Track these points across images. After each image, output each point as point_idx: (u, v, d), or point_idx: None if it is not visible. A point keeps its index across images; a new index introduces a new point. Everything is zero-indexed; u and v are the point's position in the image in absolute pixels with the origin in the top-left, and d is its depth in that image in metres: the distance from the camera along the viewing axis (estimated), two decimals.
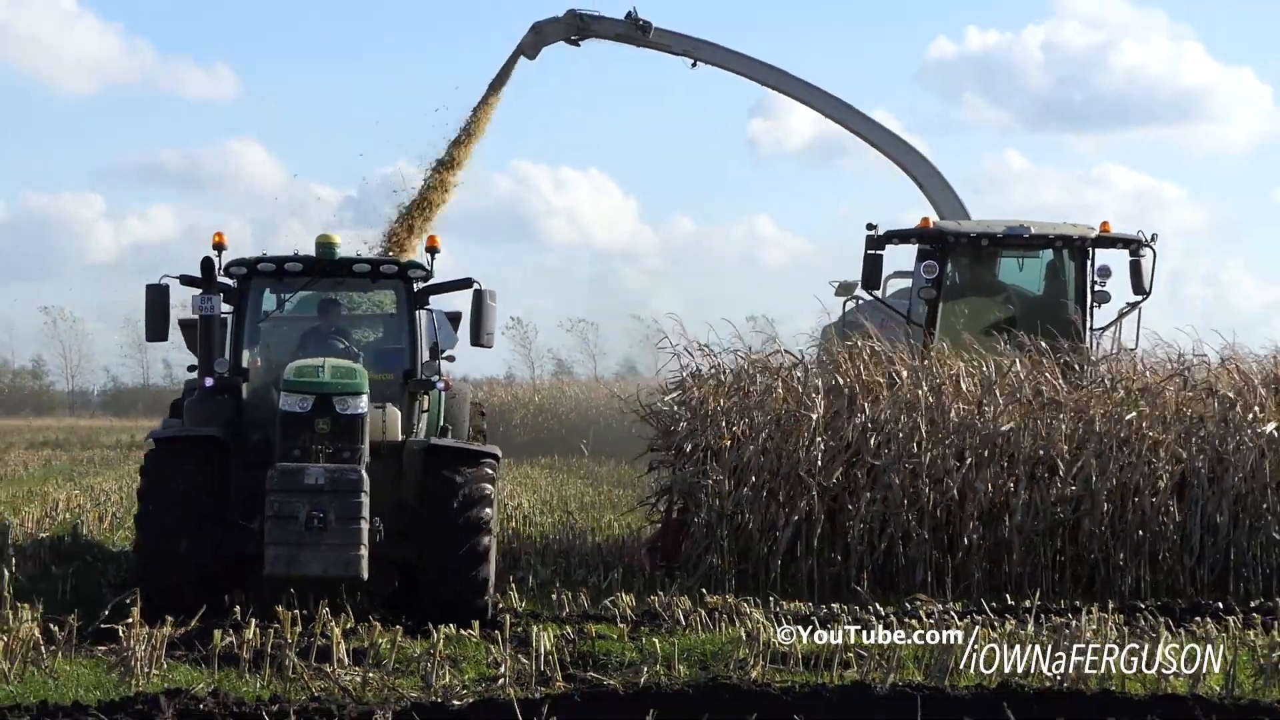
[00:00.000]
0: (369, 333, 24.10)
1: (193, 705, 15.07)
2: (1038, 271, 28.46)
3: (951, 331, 27.26)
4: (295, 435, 20.56)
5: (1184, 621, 19.42)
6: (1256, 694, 16.06)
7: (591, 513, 36.95)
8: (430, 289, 22.32)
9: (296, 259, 22.23)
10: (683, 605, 20.50)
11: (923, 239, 27.71)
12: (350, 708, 15.02)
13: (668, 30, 35.27)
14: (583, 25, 35.69)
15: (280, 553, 19.79)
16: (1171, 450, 24.42)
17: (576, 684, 16.81)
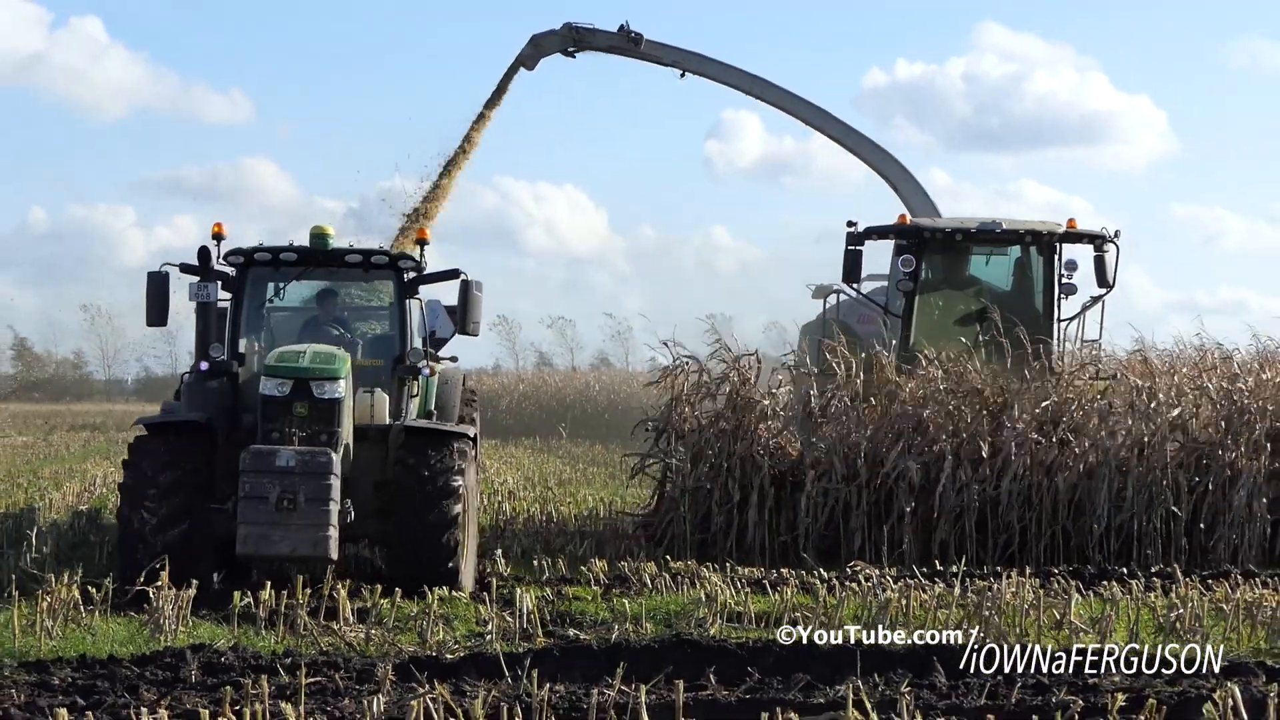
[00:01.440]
0: (366, 322, 23.50)
1: (215, 658, 15.03)
2: (1007, 266, 27.94)
3: (927, 322, 26.92)
4: (274, 418, 19.79)
5: (1093, 585, 19.42)
6: (1157, 648, 16.04)
7: (569, 488, 36.86)
8: (420, 279, 21.61)
9: (292, 249, 21.49)
10: (649, 570, 20.48)
11: (900, 235, 27.20)
12: (355, 660, 14.99)
13: (658, 42, 34.48)
14: (578, 38, 34.68)
15: (251, 532, 18.85)
16: (1086, 432, 24.37)
17: (555, 639, 16.79)
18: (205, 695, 13.10)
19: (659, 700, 12.57)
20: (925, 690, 13.56)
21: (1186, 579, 19.60)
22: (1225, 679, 13.69)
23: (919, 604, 17.79)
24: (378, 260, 21.73)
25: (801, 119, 35.21)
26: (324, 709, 12.59)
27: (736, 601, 18.24)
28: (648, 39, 34.15)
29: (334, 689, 13.61)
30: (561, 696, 12.93)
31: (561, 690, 13.16)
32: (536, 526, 27.68)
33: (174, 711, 12.13)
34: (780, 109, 35.25)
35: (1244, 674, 14.23)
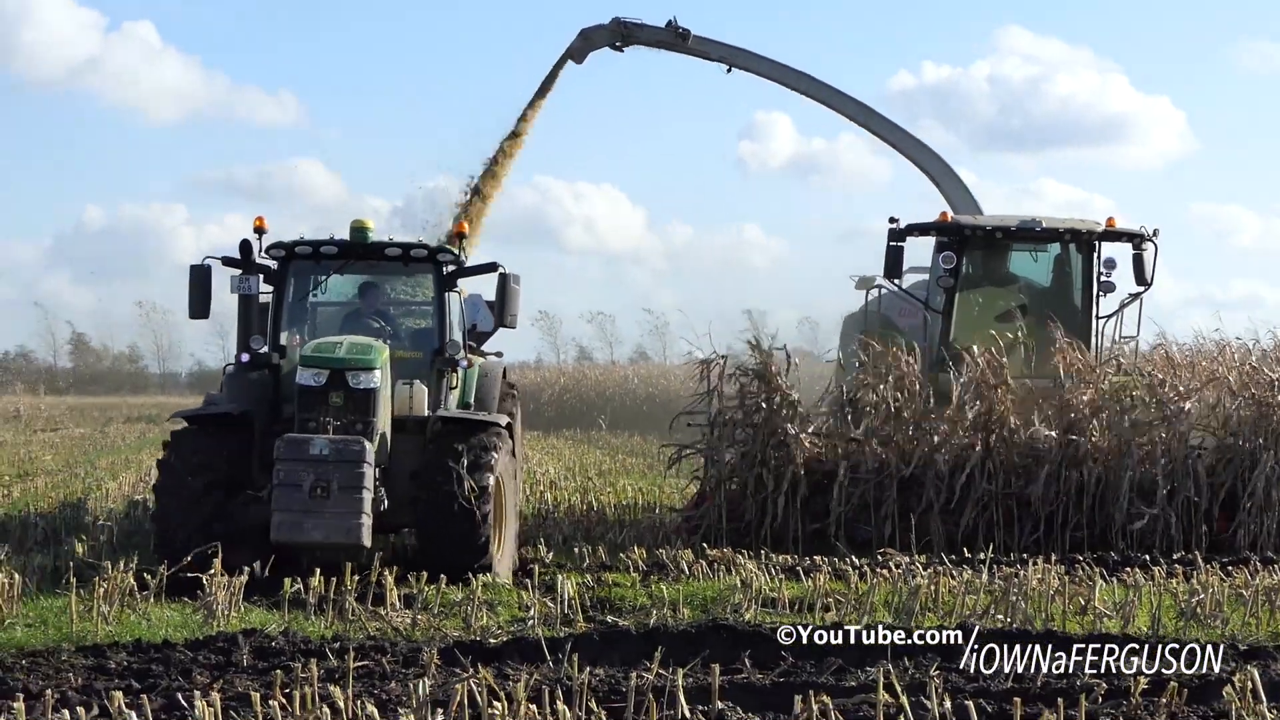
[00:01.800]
0: (408, 315, 23.12)
1: (266, 643, 15.09)
2: (1047, 263, 27.46)
3: (967, 317, 26.54)
4: (310, 407, 19.70)
5: (1116, 571, 19.40)
6: (1178, 634, 16.05)
7: (608, 478, 36.85)
8: (458, 272, 21.39)
9: (332, 242, 21.36)
10: (686, 557, 20.50)
11: (941, 231, 26.70)
12: (401, 645, 15.02)
13: (706, 38, 33.82)
14: (626, 32, 34.00)
15: (285, 519, 18.73)
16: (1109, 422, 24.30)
17: (595, 624, 16.82)
18: (256, 678, 13.15)
19: (695, 683, 12.59)
20: (954, 674, 13.57)
21: (1207, 565, 19.54)
22: (1245, 662, 13.69)
23: (948, 590, 17.78)
24: (417, 254, 21.35)
25: (845, 114, 34.38)
26: (371, 692, 12.62)
27: (771, 588, 18.25)
28: (695, 34, 33.40)
29: (381, 672, 13.65)
30: (601, 679, 12.96)
31: (601, 673, 13.19)
32: (577, 515, 27.70)
33: (226, 694, 12.15)
34: (824, 104, 34.44)
35: (1263, 657, 14.22)
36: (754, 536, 23.56)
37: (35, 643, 15.38)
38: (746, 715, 11.92)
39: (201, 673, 13.66)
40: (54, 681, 13.20)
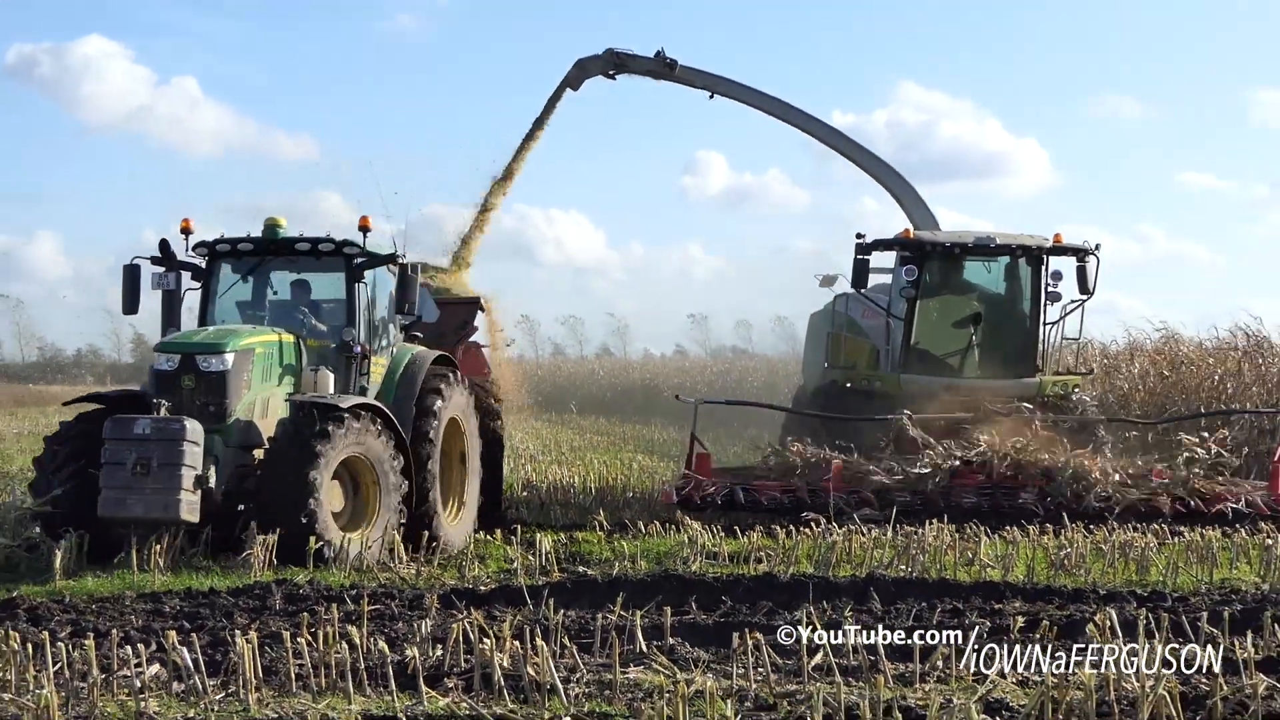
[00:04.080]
0: (331, 307, 19.81)
1: (295, 590, 15.04)
2: (998, 274, 26.58)
3: (927, 324, 25.86)
4: (162, 391, 17.54)
5: (998, 530, 19.38)
6: (1049, 580, 16.07)
7: (578, 453, 36.85)
8: (365, 264, 19.06)
9: (248, 239, 19.38)
10: (643, 518, 20.47)
11: (904, 246, 25.91)
12: (407, 592, 14.97)
13: (690, 67, 32.07)
14: (619, 62, 32.26)
15: (110, 495, 16.67)
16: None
17: (568, 574, 16.75)
18: (287, 620, 13.11)
19: (651, 623, 12.57)
20: (864, 614, 13.55)
21: (1073, 524, 19.56)
22: (1104, 604, 13.70)
23: (859, 545, 17.78)
24: (324, 247, 19.09)
25: (816, 137, 32.65)
26: (382, 630, 12.59)
27: (713, 543, 18.24)
28: (681, 64, 31.91)
29: (390, 614, 13.61)
30: (573, 620, 12.93)
31: (573, 615, 13.17)
32: (553, 484, 27.67)
33: (262, 633, 12.11)
34: (797, 128, 32.64)
35: (1119, 600, 14.24)
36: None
37: (103, 590, 15.30)
38: (693, 649, 11.90)
39: (241, 615, 13.62)
40: (119, 623, 13.15)
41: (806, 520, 19.28)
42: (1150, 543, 17.77)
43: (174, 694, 10.57)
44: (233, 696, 10.48)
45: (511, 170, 31.18)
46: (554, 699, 10.29)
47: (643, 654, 11.69)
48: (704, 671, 11.05)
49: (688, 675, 10.67)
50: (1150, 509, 20.98)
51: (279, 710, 10.08)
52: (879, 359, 26.13)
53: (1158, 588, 15.52)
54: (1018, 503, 21.28)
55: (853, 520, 19.59)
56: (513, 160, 31.23)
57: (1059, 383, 25.61)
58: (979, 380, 25.05)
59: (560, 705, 10.18)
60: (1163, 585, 15.86)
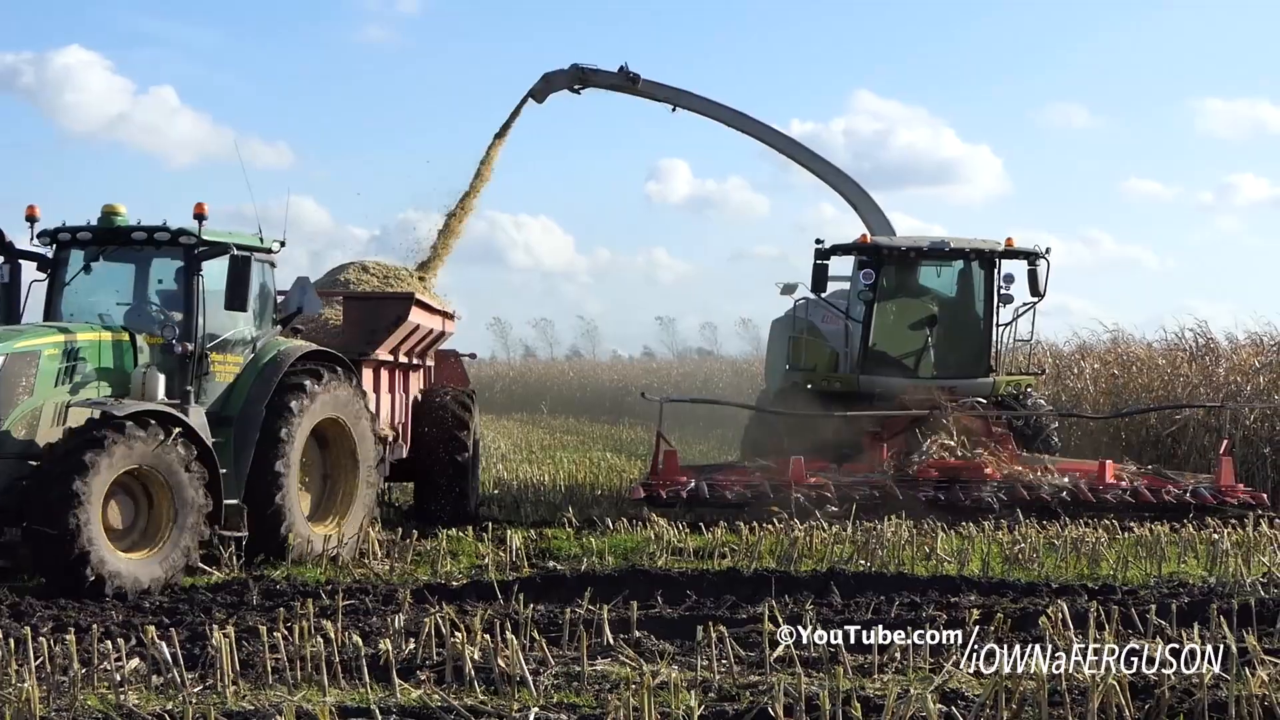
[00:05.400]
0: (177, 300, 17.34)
1: (272, 586, 15.03)
2: (952, 277, 26.25)
3: (884, 326, 25.57)
4: None
5: (955, 525, 19.41)
6: (1004, 574, 16.11)
7: (548, 452, 36.86)
8: (203, 254, 16.85)
9: (87, 228, 17.37)
10: (611, 515, 20.47)
11: (861, 251, 25.65)
12: (381, 587, 14.96)
13: (653, 81, 31.49)
14: (584, 77, 31.61)
15: None
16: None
17: (538, 569, 16.76)
18: (264, 615, 13.08)
19: (618, 616, 12.58)
20: (825, 608, 13.57)
21: (1027, 520, 19.60)
22: (1056, 597, 13.74)
23: (820, 541, 17.81)
24: (160, 237, 16.97)
25: (776, 148, 32.15)
26: (357, 625, 12.58)
27: (679, 539, 18.24)
28: (644, 79, 31.32)
29: (365, 609, 13.60)
30: (542, 614, 12.92)
31: (542, 609, 13.15)
32: (524, 482, 27.66)
33: (239, 628, 12.09)
34: (757, 139, 32.19)
35: (1070, 594, 14.28)
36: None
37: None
38: (659, 642, 11.91)
39: (219, 610, 13.60)
40: (99, 618, 13.12)
41: (769, 516, 19.28)
42: (1101, 538, 17.83)
43: (153, 687, 10.54)
44: (210, 689, 10.46)
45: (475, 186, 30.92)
46: (523, 690, 10.29)
47: (610, 647, 11.69)
48: (669, 663, 11.05)
49: (653, 667, 10.66)
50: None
51: (255, 702, 10.07)
52: (838, 361, 26.13)
53: (1108, 581, 15.58)
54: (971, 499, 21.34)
55: (814, 516, 19.59)
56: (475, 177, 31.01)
57: (1012, 382, 25.66)
58: (935, 380, 25.07)
59: (529, 696, 10.18)
60: (1113, 579, 15.91)
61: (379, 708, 9.61)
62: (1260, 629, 12.16)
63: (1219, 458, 22.99)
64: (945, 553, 17.29)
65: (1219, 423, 26.37)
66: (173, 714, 9.47)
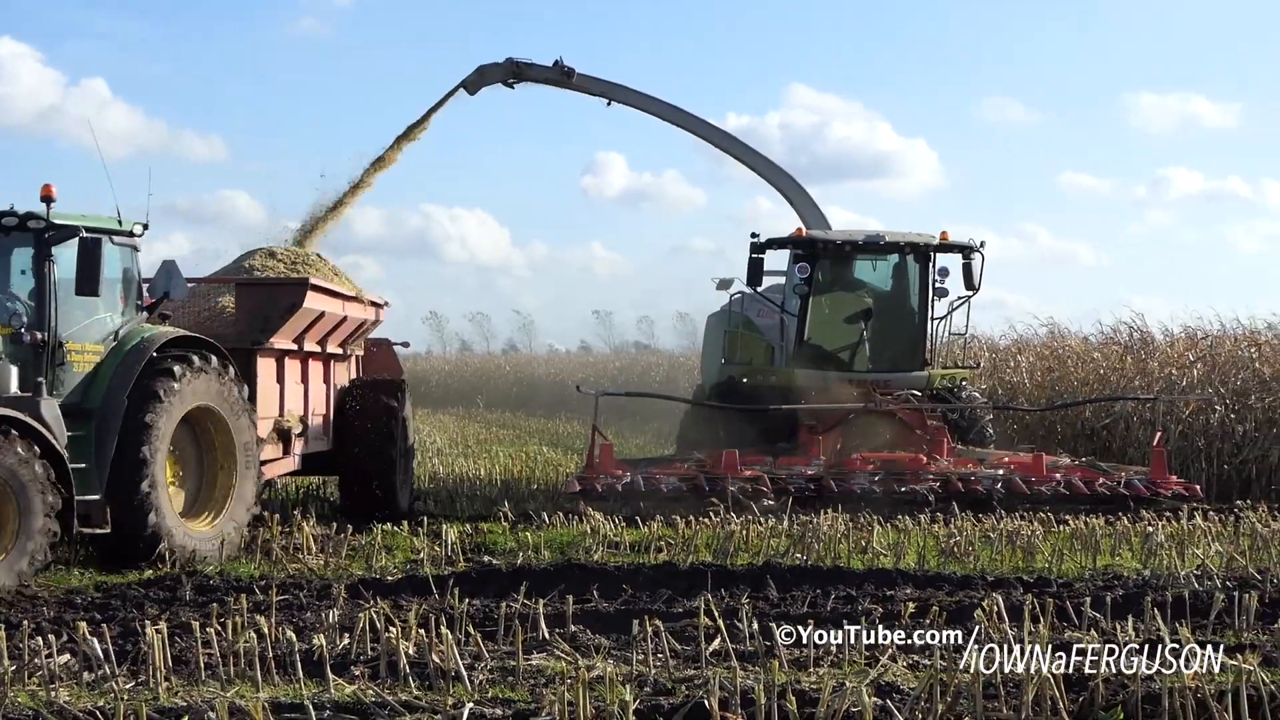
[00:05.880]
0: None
1: (205, 581, 14.96)
2: (886, 270, 26.42)
3: (820, 320, 25.73)
4: None
5: (890, 519, 19.49)
6: (939, 568, 16.19)
7: (484, 446, 36.83)
8: (53, 239, 16.01)
9: None
10: (547, 509, 20.45)
11: (797, 245, 25.81)
12: (315, 582, 14.91)
13: (588, 75, 31.32)
14: (519, 70, 31.31)
15: None
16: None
17: (473, 564, 16.75)
18: (197, 610, 13.01)
19: (554, 611, 12.57)
20: (761, 602, 13.60)
21: (963, 513, 19.70)
22: (992, 590, 13.81)
23: (756, 534, 17.85)
24: (7, 222, 16.22)
25: (711, 142, 32.03)
26: (290, 620, 12.52)
27: (615, 533, 18.25)
28: (579, 73, 31.14)
29: (299, 604, 13.55)
30: (478, 608, 12.92)
31: (478, 604, 13.15)
32: (460, 476, 27.62)
33: (172, 623, 12.03)
34: (692, 133, 31.96)
35: (1006, 587, 14.36)
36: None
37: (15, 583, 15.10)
38: (595, 636, 11.91)
39: (152, 606, 13.53)
40: (30, 614, 13.04)
41: (706, 510, 19.33)
42: (1036, 531, 17.94)
43: (84, 684, 10.48)
44: (143, 685, 10.40)
45: (387, 158, 30.40)
46: (458, 685, 10.27)
47: (545, 641, 11.69)
48: (605, 658, 11.07)
49: (589, 661, 10.68)
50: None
51: (188, 699, 10.01)
52: (774, 355, 26.19)
53: (1043, 574, 15.66)
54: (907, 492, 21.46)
55: (750, 510, 19.63)
56: (391, 148, 30.52)
57: (947, 376, 25.79)
58: (869, 374, 25.18)
59: (464, 691, 10.17)
60: (1048, 572, 16.01)
61: (313, 704, 9.58)
62: (1194, 621, 12.24)
63: (1153, 450, 23.19)
64: (881, 546, 17.36)
65: (1153, 415, 26.59)
66: (104, 711, 9.40)
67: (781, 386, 24.99)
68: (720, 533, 17.82)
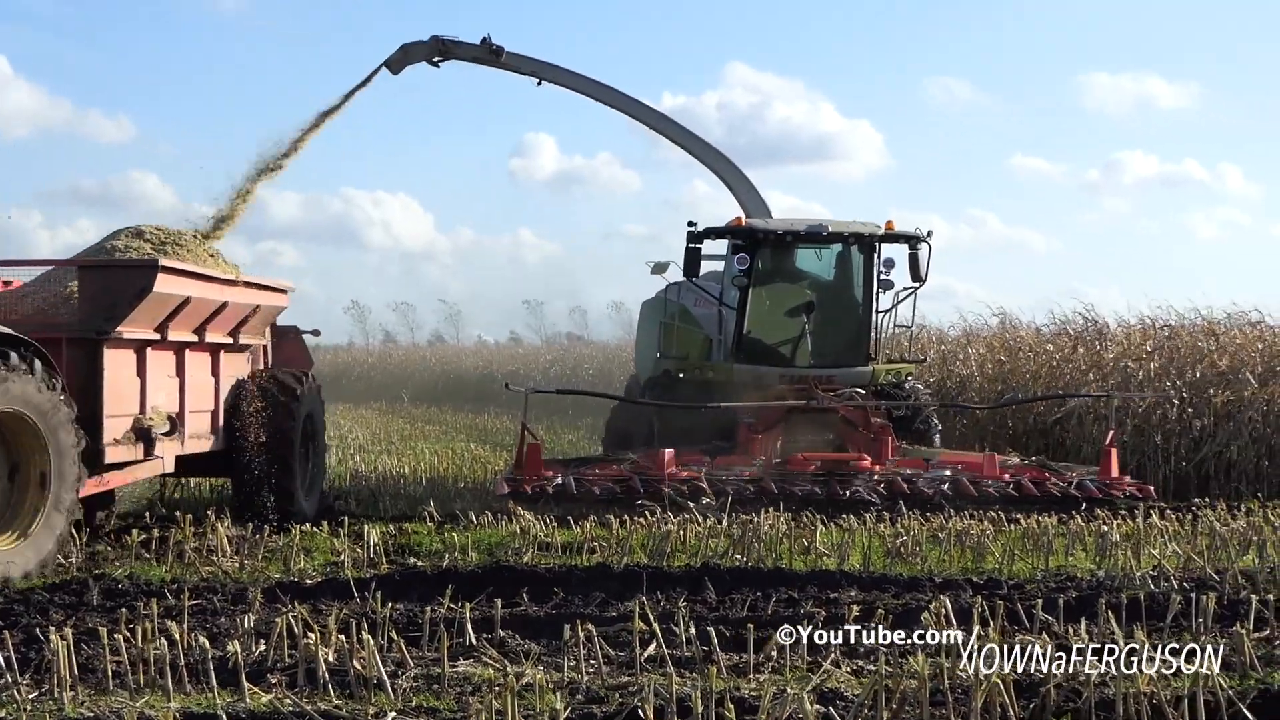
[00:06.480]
0: None
1: (113, 585, 14.86)
2: (830, 260, 26.55)
3: (759, 312, 25.88)
4: None
5: (835, 518, 19.56)
6: (885, 569, 16.25)
7: (409, 443, 36.76)
8: None
9: None
10: (474, 509, 20.44)
11: (736, 235, 25.81)
12: (230, 585, 14.85)
13: (517, 54, 31.14)
14: (444, 49, 31.05)
15: None
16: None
17: (397, 567, 16.71)
18: (104, 616, 12.94)
19: (481, 615, 12.57)
20: (699, 605, 13.64)
21: (910, 512, 19.78)
22: (940, 593, 13.87)
23: (694, 535, 17.88)
24: None
25: (646, 124, 31.84)
26: (204, 626, 12.48)
27: (546, 534, 18.25)
28: (508, 51, 30.95)
29: (212, 609, 13.49)
30: (401, 613, 12.90)
31: (401, 608, 13.12)
32: (383, 474, 27.57)
33: (78, 629, 11.96)
34: (626, 114, 31.71)
35: (954, 588, 14.43)
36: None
37: None
38: (524, 642, 11.92)
39: (57, 611, 13.44)
40: None
41: (641, 510, 19.36)
42: (987, 530, 18.04)
43: None
44: (47, 695, 10.34)
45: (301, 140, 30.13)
46: (380, 694, 10.26)
47: (472, 647, 11.69)
48: (535, 664, 11.08)
49: (518, 668, 10.69)
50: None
51: (95, 709, 9.97)
52: (712, 349, 26.22)
53: (994, 575, 15.74)
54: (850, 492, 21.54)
55: (688, 510, 19.67)
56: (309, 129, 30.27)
57: (892, 371, 25.89)
58: (811, 370, 25.24)
59: (387, 700, 10.16)
60: (999, 573, 16.08)
61: (227, 713, 9.56)
62: (1150, 624, 12.32)
63: (1104, 449, 23.33)
64: (825, 547, 17.42)
65: (1106, 412, 26.79)
66: None
67: (720, 382, 25.04)
68: (656, 533, 17.84)
